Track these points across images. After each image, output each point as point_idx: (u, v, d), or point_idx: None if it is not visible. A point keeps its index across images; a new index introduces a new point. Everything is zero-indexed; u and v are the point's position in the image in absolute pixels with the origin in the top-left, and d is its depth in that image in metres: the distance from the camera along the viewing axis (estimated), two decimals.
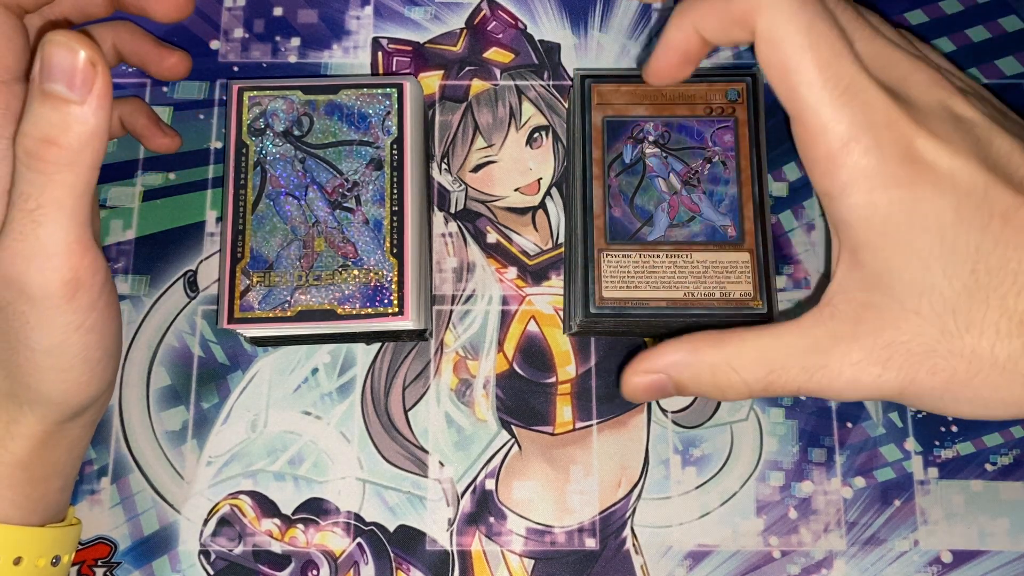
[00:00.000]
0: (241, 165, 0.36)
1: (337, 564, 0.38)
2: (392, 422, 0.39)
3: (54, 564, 0.32)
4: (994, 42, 0.44)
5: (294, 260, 0.35)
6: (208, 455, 0.39)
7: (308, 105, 0.37)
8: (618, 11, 0.44)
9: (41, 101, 0.27)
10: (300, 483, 0.39)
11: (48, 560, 0.31)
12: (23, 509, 0.31)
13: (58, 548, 0.32)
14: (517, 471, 0.39)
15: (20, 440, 0.30)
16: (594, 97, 0.37)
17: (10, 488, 0.30)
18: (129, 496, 0.39)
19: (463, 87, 0.43)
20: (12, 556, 0.30)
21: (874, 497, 0.39)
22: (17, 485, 0.31)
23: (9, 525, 0.30)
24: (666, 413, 0.40)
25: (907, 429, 0.39)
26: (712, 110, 0.37)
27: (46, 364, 0.29)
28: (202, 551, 0.38)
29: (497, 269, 0.41)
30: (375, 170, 0.36)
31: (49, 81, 0.26)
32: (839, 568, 0.38)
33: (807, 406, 0.40)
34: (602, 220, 0.36)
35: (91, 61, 0.27)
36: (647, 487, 0.39)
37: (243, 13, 0.44)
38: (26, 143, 0.27)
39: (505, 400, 0.40)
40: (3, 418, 0.30)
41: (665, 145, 0.37)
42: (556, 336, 0.40)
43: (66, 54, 0.26)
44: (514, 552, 0.38)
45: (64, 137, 0.27)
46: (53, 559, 0.32)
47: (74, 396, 0.31)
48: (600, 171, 0.36)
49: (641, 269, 0.35)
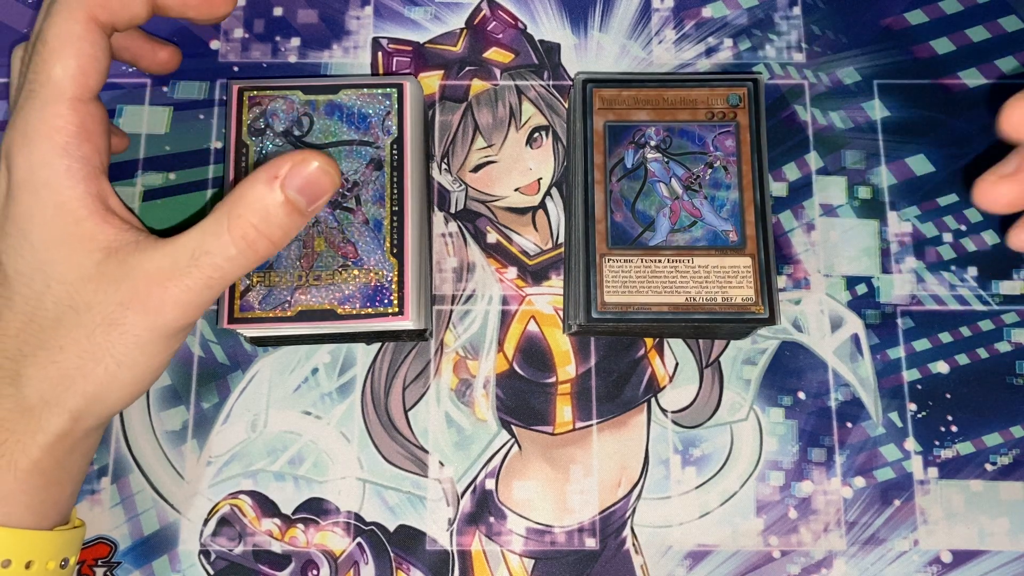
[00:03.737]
0: (241, 165, 0.36)
1: (337, 564, 0.38)
2: (392, 422, 0.39)
3: (63, 567, 0.32)
4: (994, 42, 0.44)
5: (294, 260, 0.35)
6: (208, 455, 0.39)
7: (308, 105, 0.37)
8: (618, 11, 0.44)
9: (278, 202, 0.30)
10: (300, 483, 0.39)
11: (57, 563, 0.32)
12: (36, 515, 0.31)
13: (66, 551, 0.32)
14: (517, 471, 0.39)
15: (42, 449, 0.30)
16: (596, 102, 0.37)
17: (26, 494, 0.31)
18: (129, 496, 0.39)
19: (463, 87, 0.43)
20: (24, 560, 0.30)
21: (874, 497, 0.39)
22: (33, 491, 0.31)
23: (23, 530, 0.30)
24: (666, 413, 0.40)
25: (907, 429, 0.39)
26: (714, 115, 0.37)
27: (126, 377, 0.31)
28: (202, 551, 0.38)
29: (497, 269, 0.41)
30: (375, 170, 0.36)
31: (297, 192, 0.30)
32: (839, 568, 0.38)
33: (807, 406, 0.40)
34: (604, 225, 0.36)
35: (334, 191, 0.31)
36: (647, 487, 0.39)
37: (243, 13, 0.44)
38: (246, 229, 0.30)
39: (505, 400, 0.40)
40: (30, 427, 0.30)
41: (667, 150, 0.37)
42: (556, 336, 0.40)
43: (327, 183, 0.31)
44: (514, 552, 0.38)
45: (281, 237, 0.31)
46: (62, 561, 0.32)
47: (125, 404, 0.32)
48: (602, 176, 0.36)
49: (643, 274, 0.35)
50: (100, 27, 0.31)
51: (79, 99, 0.31)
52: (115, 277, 0.30)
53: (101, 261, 0.30)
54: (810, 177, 0.42)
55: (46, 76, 0.30)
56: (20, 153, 0.30)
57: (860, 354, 0.40)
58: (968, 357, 0.40)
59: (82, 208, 0.30)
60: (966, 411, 0.40)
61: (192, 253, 0.30)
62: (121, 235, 0.31)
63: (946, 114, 0.43)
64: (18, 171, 0.30)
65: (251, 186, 0.30)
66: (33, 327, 0.30)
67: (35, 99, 0.30)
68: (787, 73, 0.43)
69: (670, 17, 0.44)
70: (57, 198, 0.30)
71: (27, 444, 0.30)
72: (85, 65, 0.31)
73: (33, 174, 0.30)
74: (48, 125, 0.30)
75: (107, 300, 0.30)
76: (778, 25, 0.44)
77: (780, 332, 0.40)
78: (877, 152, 0.42)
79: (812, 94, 0.43)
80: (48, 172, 0.30)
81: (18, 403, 0.30)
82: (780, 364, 0.40)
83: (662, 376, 0.40)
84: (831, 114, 0.43)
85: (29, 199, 0.30)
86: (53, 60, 0.30)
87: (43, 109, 0.30)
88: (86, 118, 0.31)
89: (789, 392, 0.40)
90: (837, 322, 0.41)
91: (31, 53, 0.31)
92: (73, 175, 0.30)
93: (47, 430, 0.30)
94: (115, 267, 0.30)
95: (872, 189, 0.42)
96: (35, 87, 0.30)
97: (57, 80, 0.30)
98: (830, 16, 0.44)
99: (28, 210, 0.30)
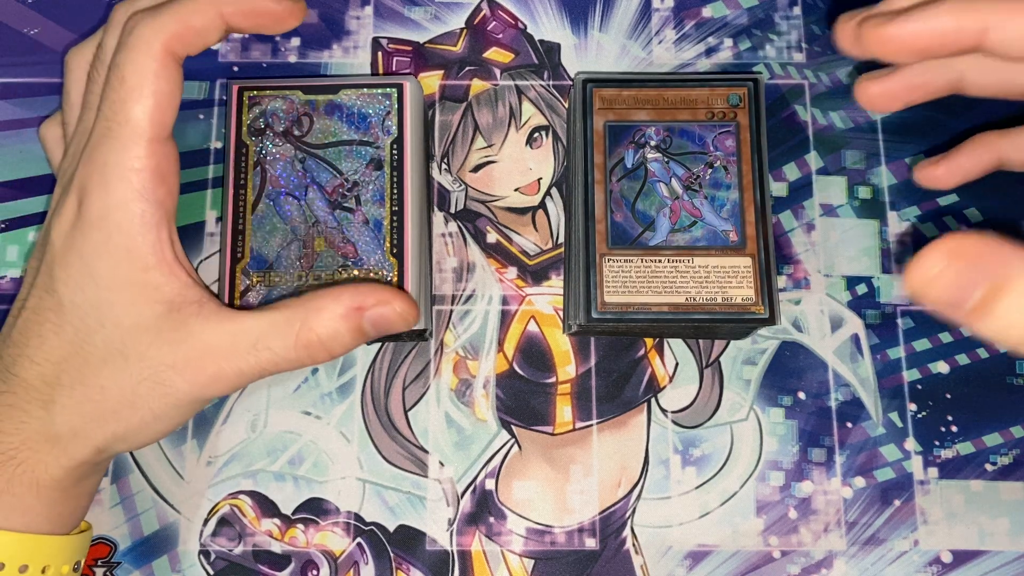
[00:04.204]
0: (241, 165, 0.36)
1: (337, 564, 0.38)
2: (392, 422, 0.39)
3: (75, 570, 0.33)
4: None
5: (294, 260, 0.35)
6: (208, 455, 0.39)
7: (308, 105, 0.37)
8: (618, 11, 0.44)
9: (351, 328, 0.31)
10: (300, 483, 0.39)
11: (71, 567, 0.32)
12: (53, 523, 0.32)
13: (78, 554, 0.33)
14: (517, 471, 0.39)
15: (64, 470, 0.31)
16: (596, 102, 0.37)
17: (47, 507, 0.31)
18: (129, 496, 0.39)
19: (463, 87, 0.43)
20: (41, 565, 0.31)
21: (874, 497, 0.39)
22: (51, 504, 0.31)
23: (41, 535, 0.31)
24: (666, 413, 0.40)
25: (907, 429, 0.39)
26: (714, 115, 0.37)
27: (157, 428, 0.32)
28: (202, 551, 0.38)
29: (497, 269, 0.41)
30: (375, 170, 0.36)
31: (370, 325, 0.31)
32: (839, 568, 0.38)
33: (807, 406, 0.40)
34: (604, 225, 0.36)
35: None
36: (647, 487, 0.39)
37: None
38: (312, 340, 0.31)
39: (505, 400, 0.40)
40: (54, 451, 0.31)
41: (667, 150, 0.37)
42: (556, 336, 0.40)
43: (399, 325, 0.32)
44: (514, 552, 0.38)
45: (340, 353, 0.31)
46: (75, 565, 0.33)
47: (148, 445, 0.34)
48: (602, 176, 0.36)
49: (643, 274, 0.35)
50: (176, 60, 0.31)
51: (156, 139, 0.31)
52: (172, 339, 0.31)
53: (161, 315, 0.31)
54: (810, 177, 0.42)
55: (125, 116, 0.31)
56: (96, 191, 0.31)
57: (860, 354, 0.40)
58: (968, 357, 0.40)
59: (152, 256, 0.31)
60: (966, 411, 0.40)
61: (255, 343, 0.31)
62: (185, 291, 0.31)
63: (946, 114, 0.43)
64: (92, 209, 0.31)
65: (331, 305, 0.31)
66: (77, 360, 0.31)
67: (114, 139, 0.31)
68: (787, 73, 0.43)
69: (670, 17, 0.44)
70: (129, 243, 0.31)
71: (50, 465, 0.31)
72: (163, 103, 0.31)
73: (108, 215, 0.30)
74: (125, 168, 0.30)
75: (159, 358, 0.31)
76: (778, 25, 0.44)
77: (780, 332, 0.40)
78: (877, 152, 0.42)
79: (812, 94, 0.43)
80: (122, 216, 0.30)
81: (47, 428, 0.31)
82: (780, 364, 0.40)
83: (662, 376, 0.40)
84: (831, 114, 0.43)
85: (100, 238, 0.31)
86: (132, 100, 0.30)
87: (122, 151, 0.30)
88: (162, 160, 0.31)
89: (789, 392, 0.40)
90: (837, 322, 0.41)
91: (107, 86, 0.31)
92: (146, 221, 0.31)
93: (71, 456, 0.31)
94: (174, 327, 0.31)
95: (872, 189, 0.42)
96: (113, 126, 0.31)
97: (136, 121, 0.31)
98: (830, 16, 0.44)
99: (96, 249, 0.31)
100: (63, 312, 0.31)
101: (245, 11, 0.32)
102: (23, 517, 0.31)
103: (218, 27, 0.32)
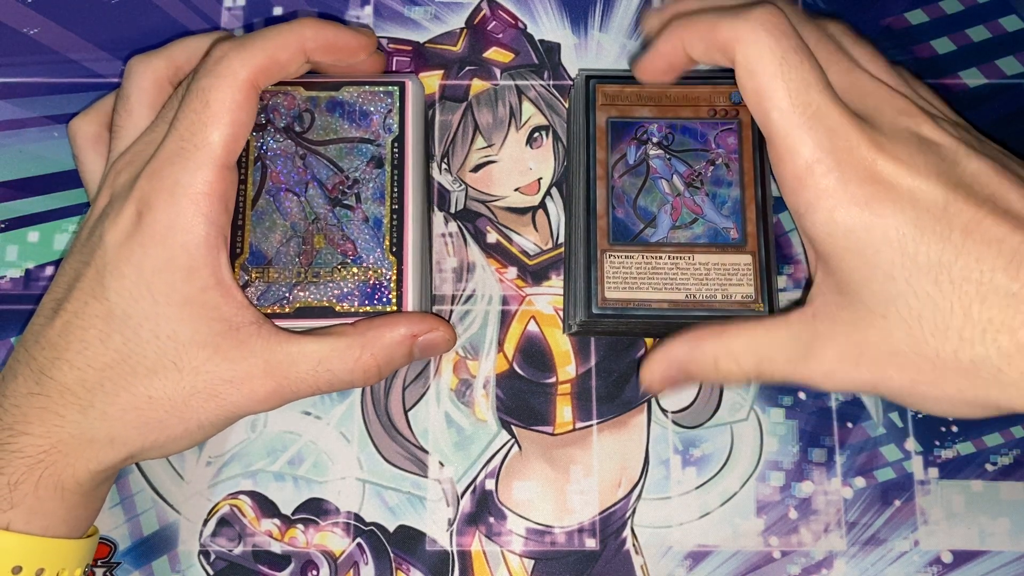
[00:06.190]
0: (241, 160, 0.36)
1: (337, 564, 0.38)
2: (392, 422, 0.39)
3: (85, 573, 0.33)
4: (994, 42, 0.44)
5: (293, 257, 0.35)
6: (208, 455, 0.39)
7: (310, 101, 0.37)
8: (618, 11, 0.44)
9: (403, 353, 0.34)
10: (300, 483, 0.39)
11: (83, 570, 0.33)
12: (70, 526, 0.32)
13: (89, 558, 0.33)
14: (517, 471, 0.39)
15: (90, 475, 0.31)
16: (598, 98, 0.37)
17: (67, 510, 0.31)
18: (129, 496, 0.38)
19: (463, 87, 0.43)
20: (56, 570, 0.31)
21: (874, 497, 0.39)
22: (72, 507, 0.32)
23: (58, 540, 0.31)
24: (666, 413, 0.40)
25: (907, 429, 0.39)
26: (716, 112, 0.37)
27: (197, 437, 0.33)
28: (202, 551, 0.38)
29: (497, 269, 0.41)
30: (376, 168, 0.36)
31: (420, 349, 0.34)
32: (839, 568, 0.38)
33: (807, 406, 0.40)
34: (605, 221, 0.36)
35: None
36: (647, 487, 0.39)
37: (243, 13, 0.44)
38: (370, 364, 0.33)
39: (505, 400, 0.40)
40: (84, 455, 0.31)
41: (669, 147, 0.37)
42: (556, 336, 0.40)
43: (443, 349, 0.36)
44: (514, 552, 0.38)
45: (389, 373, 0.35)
46: (86, 568, 0.33)
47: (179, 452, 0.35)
48: (604, 172, 0.36)
49: (643, 270, 0.35)
50: (257, 92, 0.33)
51: (226, 166, 0.32)
52: (231, 356, 0.32)
53: (220, 332, 0.32)
54: None
55: (203, 139, 0.31)
56: (162, 208, 0.31)
57: None
58: None
59: (211, 277, 0.32)
60: None
61: (316, 365, 0.32)
62: (241, 312, 0.32)
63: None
64: (156, 224, 0.31)
65: (391, 332, 0.33)
66: (123, 368, 0.31)
67: (188, 160, 0.31)
68: None
69: None
70: (191, 263, 0.31)
71: (77, 469, 0.31)
72: (238, 133, 0.32)
73: (172, 234, 0.31)
74: (195, 190, 0.31)
75: (216, 373, 0.31)
76: None
77: None
78: None
79: None
80: (187, 237, 0.31)
81: (81, 432, 0.31)
82: None
83: None
84: None
85: (161, 255, 0.31)
86: (212, 125, 0.31)
87: (195, 172, 0.31)
88: (228, 186, 0.32)
89: (789, 392, 0.40)
90: None
91: (186, 107, 0.32)
92: (209, 244, 0.31)
93: (101, 461, 0.31)
94: (234, 345, 0.32)
95: None
96: (188, 147, 0.31)
97: (213, 146, 0.31)
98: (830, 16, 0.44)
99: (156, 265, 0.31)
100: (112, 320, 0.31)
101: (327, 46, 0.34)
102: (44, 521, 0.31)
103: (300, 61, 0.34)
